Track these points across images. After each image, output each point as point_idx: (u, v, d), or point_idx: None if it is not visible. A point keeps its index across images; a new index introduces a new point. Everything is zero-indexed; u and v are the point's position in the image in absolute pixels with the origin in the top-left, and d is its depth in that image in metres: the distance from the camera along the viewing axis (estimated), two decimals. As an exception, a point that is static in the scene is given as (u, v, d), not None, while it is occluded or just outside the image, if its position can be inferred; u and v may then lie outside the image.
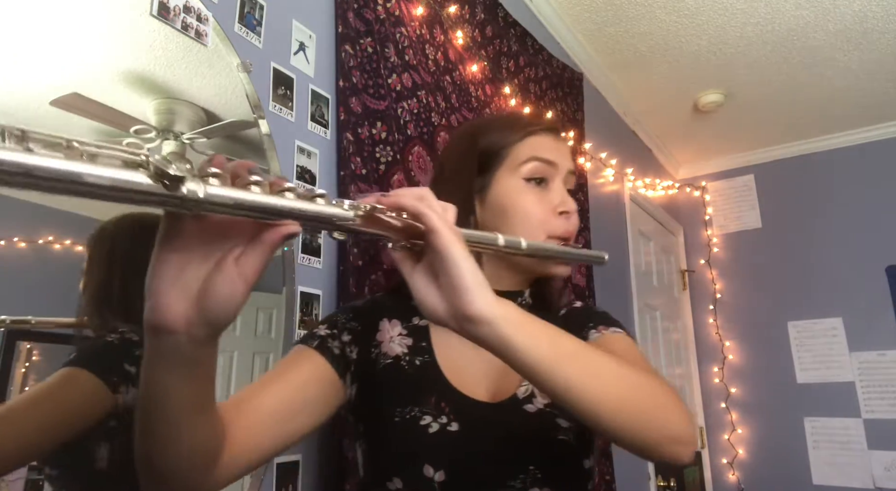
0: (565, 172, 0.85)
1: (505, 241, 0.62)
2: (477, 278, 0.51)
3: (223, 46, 1.05)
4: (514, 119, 0.89)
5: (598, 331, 0.79)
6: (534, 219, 0.80)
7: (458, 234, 0.52)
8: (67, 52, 0.89)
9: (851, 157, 3.37)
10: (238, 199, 0.40)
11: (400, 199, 0.51)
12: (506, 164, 0.83)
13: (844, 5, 2.30)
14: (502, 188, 0.83)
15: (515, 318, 0.52)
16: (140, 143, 0.96)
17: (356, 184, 1.22)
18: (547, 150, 0.84)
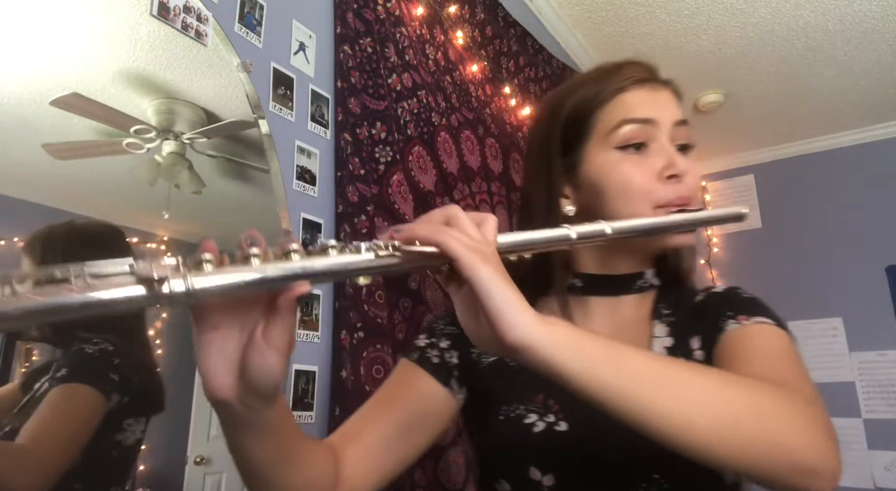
0: (669, 127, 0.71)
1: (579, 234, 0.55)
2: (510, 302, 0.44)
3: (223, 46, 1.05)
4: (598, 76, 0.75)
5: (737, 321, 0.65)
6: (634, 190, 0.69)
7: (483, 255, 0.45)
8: (67, 52, 0.90)
9: (851, 157, 3.37)
10: (231, 283, 0.39)
11: (415, 230, 0.46)
12: (594, 136, 0.72)
13: (844, 5, 2.30)
14: (594, 164, 0.72)
15: (565, 340, 0.45)
16: (140, 142, 0.96)
17: (354, 184, 1.22)
18: (641, 106, 0.71)
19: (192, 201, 1.05)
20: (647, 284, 0.75)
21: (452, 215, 0.49)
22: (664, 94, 0.74)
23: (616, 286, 0.74)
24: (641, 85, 0.73)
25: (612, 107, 0.72)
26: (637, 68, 0.74)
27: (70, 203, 0.91)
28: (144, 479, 0.92)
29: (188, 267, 0.38)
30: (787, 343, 0.63)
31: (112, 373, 0.84)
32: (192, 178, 1.03)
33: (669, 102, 0.74)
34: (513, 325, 0.44)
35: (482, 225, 0.49)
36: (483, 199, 1.68)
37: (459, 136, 1.63)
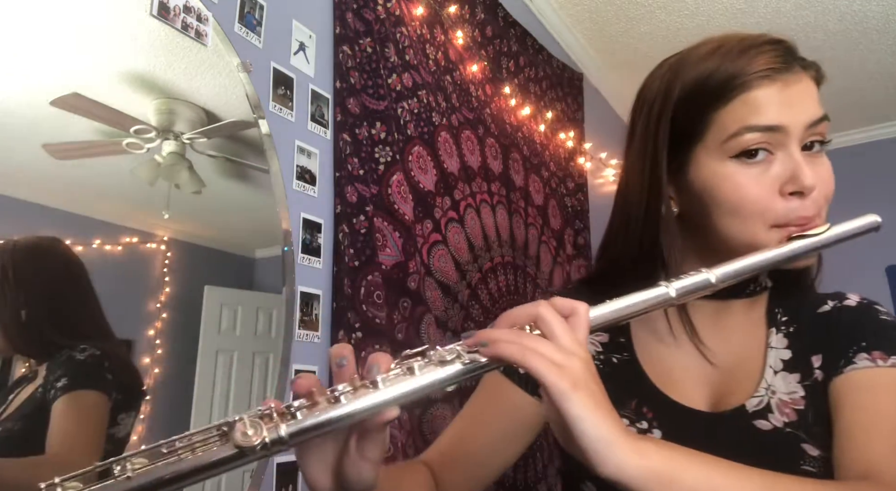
0: (801, 130, 0.60)
1: (679, 291, 0.50)
2: (601, 440, 0.42)
3: (223, 46, 1.05)
4: (721, 60, 0.60)
5: (871, 358, 0.57)
6: (748, 209, 0.59)
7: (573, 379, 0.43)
8: (67, 52, 0.90)
9: (851, 157, 3.37)
10: (322, 422, 0.42)
11: (501, 348, 0.44)
12: (708, 138, 0.61)
13: (844, 5, 2.30)
14: (704, 171, 0.62)
15: (656, 473, 0.43)
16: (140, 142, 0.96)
17: (353, 185, 1.22)
18: (771, 109, 0.59)
19: (192, 201, 1.05)
20: (760, 287, 0.68)
21: (538, 315, 0.46)
22: (801, 86, 0.61)
23: (724, 291, 0.62)
24: (772, 81, 0.59)
25: (734, 108, 0.59)
26: (770, 55, 0.59)
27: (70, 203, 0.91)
28: (144, 479, 0.92)
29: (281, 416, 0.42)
30: None
31: (107, 374, 0.87)
32: (192, 178, 1.03)
33: (806, 98, 0.62)
34: (604, 462, 0.43)
35: (572, 319, 0.46)
36: (483, 199, 1.68)
37: (460, 135, 1.63)
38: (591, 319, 0.48)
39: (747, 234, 0.60)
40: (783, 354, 0.64)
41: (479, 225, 1.63)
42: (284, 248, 1.09)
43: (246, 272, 1.21)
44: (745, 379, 0.63)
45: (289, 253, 1.09)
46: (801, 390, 0.61)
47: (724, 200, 0.60)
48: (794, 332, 0.65)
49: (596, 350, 0.71)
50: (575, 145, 2.33)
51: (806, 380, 0.61)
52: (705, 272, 0.52)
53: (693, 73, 0.62)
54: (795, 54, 0.62)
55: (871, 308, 0.64)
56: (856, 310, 0.65)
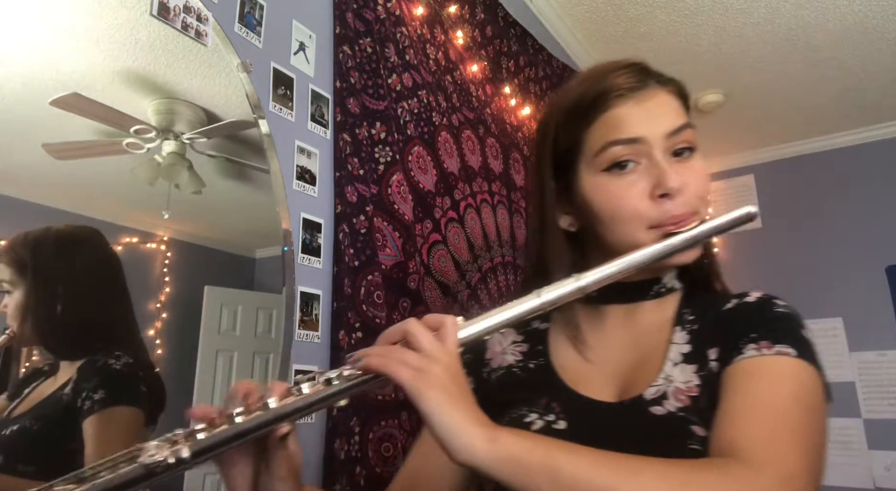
0: (661, 139, 0.67)
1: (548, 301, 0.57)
2: (451, 429, 0.48)
3: (223, 46, 1.05)
4: (582, 90, 0.70)
5: (757, 348, 0.61)
6: (625, 214, 0.66)
7: (428, 381, 0.49)
8: (67, 52, 0.90)
9: (851, 157, 3.37)
10: (222, 439, 0.48)
11: (368, 362, 0.52)
12: (583, 157, 0.69)
13: (844, 5, 2.30)
14: (584, 187, 0.70)
15: (508, 459, 0.48)
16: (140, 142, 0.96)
17: (353, 184, 1.22)
18: (628, 123, 0.67)
19: (192, 201, 1.05)
20: (666, 289, 0.72)
21: (407, 331, 0.53)
22: (656, 100, 0.68)
23: (631, 293, 0.72)
24: (627, 98, 0.67)
25: (597, 128, 0.68)
26: (622, 77, 0.68)
27: (70, 203, 0.91)
28: (144, 479, 0.92)
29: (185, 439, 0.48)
30: (801, 386, 0.59)
31: (142, 385, 0.87)
32: (192, 178, 1.03)
33: (662, 110, 0.68)
34: (457, 450, 0.48)
35: (440, 331, 0.53)
36: (484, 199, 1.68)
37: (460, 135, 1.63)
38: (467, 332, 0.55)
39: (629, 237, 0.66)
40: (683, 348, 0.68)
41: (480, 225, 1.63)
42: (284, 248, 1.09)
43: (246, 272, 1.21)
44: (648, 372, 0.68)
45: (289, 253, 1.09)
46: (696, 379, 0.65)
47: (603, 209, 0.68)
48: (697, 329, 0.69)
49: (517, 358, 0.78)
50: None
51: (702, 370, 0.65)
52: (574, 278, 0.57)
53: (565, 102, 0.72)
54: (650, 73, 0.71)
55: (769, 302, 0.68)
56: (754, 304, 0.68)
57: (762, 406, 0.56)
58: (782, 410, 0.56)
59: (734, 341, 0.63)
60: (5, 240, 0.83)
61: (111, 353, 0.83)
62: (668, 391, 0.64)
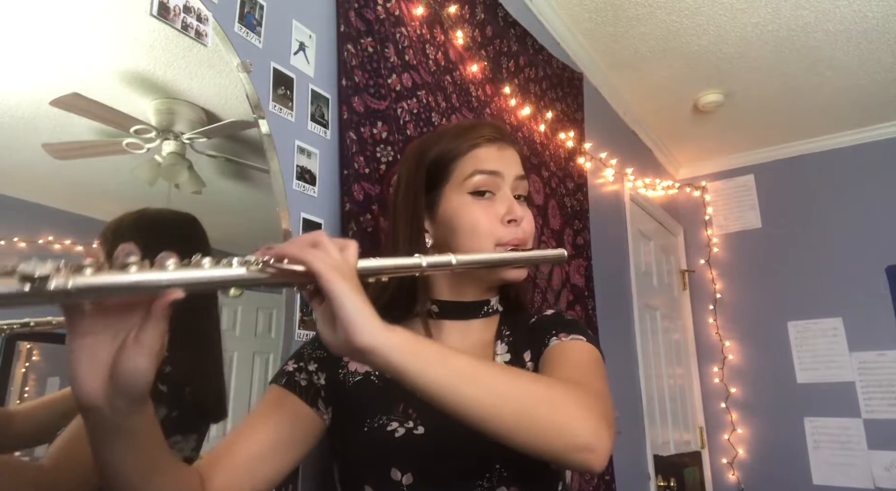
0: (512, 180, 0.86)
1: (428, 263, 0.64)
2: (361, 312, 0.52)
3: (223, 46, 1.05)
4: (458, 132, 0.89)
5: (558, 338, 0.79)
6: (481, 230, 0.82)
7: (341, 273, 0.53)
8: (67, 52, 0.90)
9: (851, 157, 3.37)
10: (109, 283, 0.43)
11: (284, 249, 0.53)
12: (452, 181, 0.85)
13: (844, 5, 2.30)
14: (449, 205, 0.85)
15: (404, 345, 0.54)
16: (140, 142, 0.96)
17: (360, 183, 1.22)
18: (490, 161, 0.85)
19: (192, 201, 1.05)
20: (492, 310, 0.88)
21: (318, 240, 0.56)
22: (509, 152, 0.88)
23: (466, 312, 0.87)
24: (492, 143, 0.86)
25: (468, 159, 0.85)
26: (490, 130, 0.88)
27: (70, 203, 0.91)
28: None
29: (70, 269, 0.42)
30: (593, 356, 0.77)
31: (160, 383, 0.77)
32: (192, 178, 1.03)
33: (513, 160, 0.88)
34: (362, 330, 0.52)
35: (344, 250, 0.57)
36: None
37: (459, 136, 1.63)
38: (362, 262, 0.58)
39: (480, 250, 0.81)
40: (504, 357, 0.84)
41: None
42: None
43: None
44: None
45: (289, 253, 1.09)
46: None
47: (464, 224, 0.83)
48: (513, 340, 0.85)
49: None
50: (575, 145, 2.33)
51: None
52: (450, 255, 0.67)
53: (440, 142, 0.88)
54: (506, 133, 0.92)
55: (559, 313, 0.87)
56: (549, 316, 0.86)
57: (574, 362, 0.74)
58: (586, 363, 0.75)
59: (540, 341, 0.80)
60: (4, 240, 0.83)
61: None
62: None
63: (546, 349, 0.78)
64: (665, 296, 3.25)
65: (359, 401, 0.79)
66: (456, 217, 0.84)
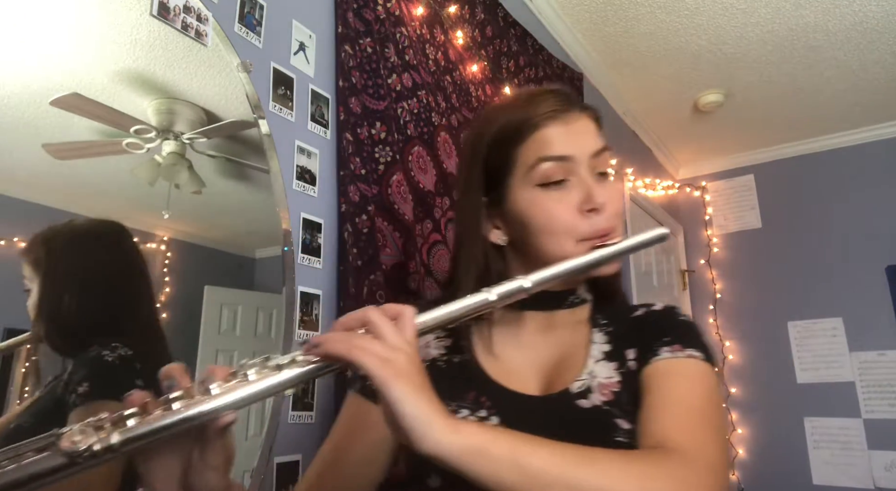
0: (586, 159, 0.72)
1: (499, 295, 0.58)
2: (418, 419, 0.48)
3: (223, 46, 1.05)
4: (513, 109, 0.76)
5: (671, 350, 0.68)
6: (556, 227, 0.71)
7: (396, 370, 0.49)
8: (68, 52, 0.90)
9: (851, 157, 3.37)
10: (157, 427, 0.43)
11: (330, 348, 0.49)
12: (515, 172, 0.74)
13: (844, 5, 2.30)
14: (517, 201, 0.74)
15: (472, 448, 0.49)
16: (140, 142, 0.96)
17: (356, 184, 1.22)
18: (557, 142, 0.72)
19: (192, 201, 1.05)
20: (579, 300, 0.79)
21: (367, 320, 0.52)
22: (580, 124, 0.74)
23: (549, 301, 0.77)
24: (556, 119, 0.73)
25: (529, 144, 0.73)
26: (551, 101, 0.74)
27: (70, 203, 0.91)
28: (144, 479, 0.92)
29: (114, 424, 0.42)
30: (710, 386, 0.67)
31: (137, 378, 0.80)
32: (192, 178, 1.03)
33: (586, 133, 0.74)
34: (422, 439, 0.48)
35: (399, 321, 0.52)
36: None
37: (459, 136, 1.63)
38: (422, 321, 0.54)
39: (558, 249, 0.71)
40: (604, 347, 0.74)
41: (479, 225, 1.63)
42: (284, 248, 1.09)
43: (246, 272, 1.21)
44: (572, 368, 0.72)
45: (289, 253, 1.09)
46: (617, 376, 0.70)
47: (535, 222, 0.72)
48: (613, 331, 0.76)
49: (440, 352, 0.79)
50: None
51: (622, 368, 0.71)
52: (520, 279, 0.59)
53: (496, 122, 0.76)
54: (573, 99, 0.76)
55: (672, 311, 0.77)
56: (661, 313, 0.76)
57: (683, 403, 0.64)
58: (699, 408, 0.63)
59: (649, 344, 0.70)
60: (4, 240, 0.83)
61: (108, 345, 0.79)
62: (592, 385, 0.70)
63: (655, 361, 0.68)
64: (665, 296, 3.25)
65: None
66: (526, 214, 0.73)
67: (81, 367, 0.78)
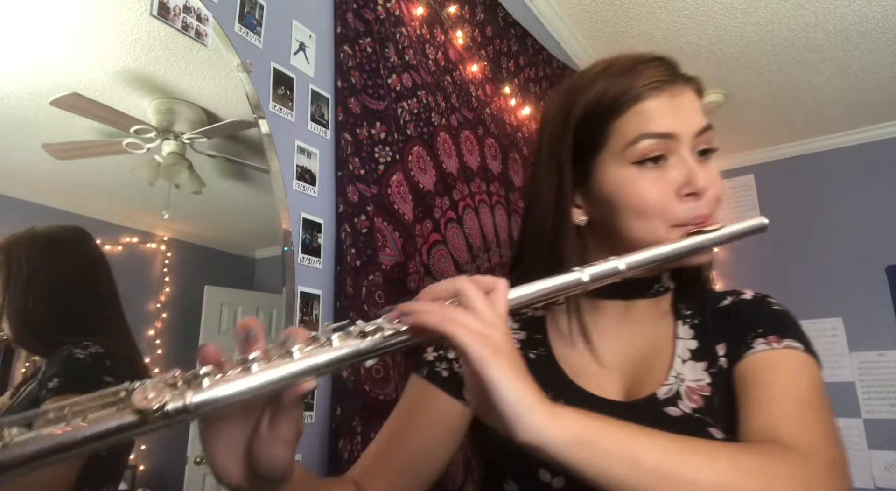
0: (691, 138, 0.65)
1: (591, 276, 0.53)
2: (520, 403, 0.43)
3: (223, 46, 1.05)
4: (612, 76, 0.67)
5: (767, 342, 0.62)
6: (650, 210, 0.64)
7: (494, 347, 0.44)
8: (67, 52, 0.90)
9: (851, 157, 3.37)
10: (232, 393, 0.39)
11: (421, 318, 0.45)
12: (608, 147, 0.66)
13: (844, 5, 2.30)
14: (608, 178, 0.66)
15: (577, 437, 0.44)
16: (140, 142, 0.96)
17: (354, 184, 1.22)
18: (662, 118, 0.65)
19: (192, 201, 1.05)
20: (663, 289, 0.72)
21: (459, 290, 0.47)
22: (686, 98, 0.68)
23: (630, 290, 0.70)
24: (660, 92, 0.66)
25: (629, 118, 0.65)
26: (656, 70, 0.67)
27: (70, 203, 0.91)
28: (144, 479, 0.92)
29: (187, 383, 0.38)
30: (814, 377, 0.61)
31: (106, 376, 0.82)
32: (192, 178, 1.03)
33: (691, 109, 0.68)
34: (524, 426, 0.43)
35: (492, 295, 0.48)
36: (482, 200, 1.68)
37: (459, 136, 1.63)
38: (513, 297, 0.49)
39: (650, 234, 0.64)
40: (690, 344, 0.68)
41: (478, 225, 1.63)
42: (284, 248, 1.09)
43: (246, 272, 1.21)
44: (656, 369, 0.66)
45: (289, 253, 1.09)
46: (707, 377, 0.65)
47: (627, 203, 0.65)
48: (699, 323, 0.69)
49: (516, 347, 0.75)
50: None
51: (712, 367, 0.65)
52: (615, 259, 0.55)
53: (590, 92, 0.68)
54: (678, 70, 0.69)
55: (765, 300, 0.70)
56: (751, 302, 0.69)
57: (789, 396, 0.57)
58: (806, 401, 0.57)
59: (741, 336, 0.64)
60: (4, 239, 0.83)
61: (80, 343, 0.81)
62: (680, 390, 0.64)
63: (749, 355, 0.62)
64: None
65: None
66: (617, 194, 0.66)
67: (53, 365, 0.80)
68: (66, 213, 0.90)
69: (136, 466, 0.91)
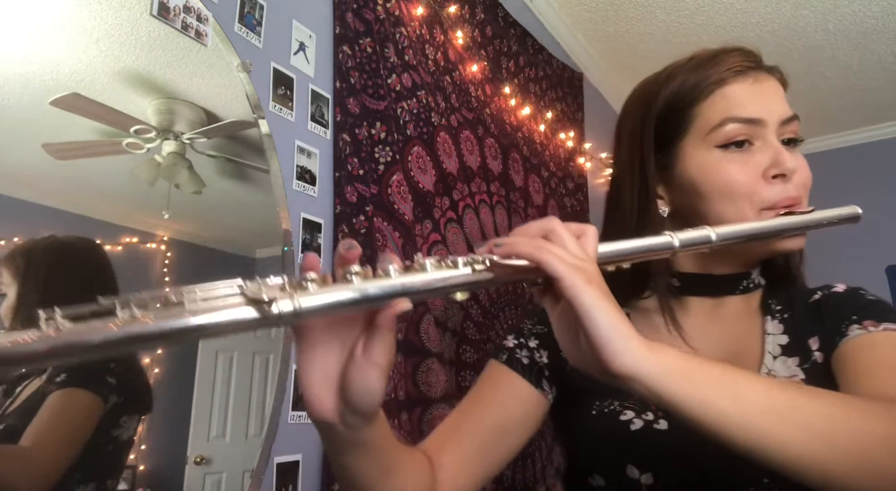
0: (776, 125, 0.65)
1: (681, 242, 0.51)
2: (617, 329, 0.42)
3: (223, 46, 1.05)
4: (696, 65, 0.68)
5: (862, 327, 0.60)
6: (737, 192, 0.63)
7: (587, 276, 0.43)
8: (67, 52, 0.90)
9: (852, 157, 3.37)
10: (335, 301, 0.39)
11: (515, 246, 0.44)
12: (692, 132, 0.66)
13: (844, 5, 2.30)
14: (692, 163, 0.66)
15: (675, 369, 0.42)
16: (140, 142, 0.96)
17: (353, 184, 1.22)
18: (747, 102, 0.65)
19: (192, 201, 1.05)
20: (754, 285, 0.70)
21: (551, 229, 0.46)
22: (770, 85, 0.67)
23: (718, 286, 0.69)
24: (745, 76, 0.66)
25: (714, 102, 0.65)
26: (740, 56, 0.67)
27: (70, 203, 0.91)
28: (144, 479, 0.92)
29: (294, 287, 0.39)
30: None
31: (109, 376, 0.86)
32: (192, 178, 1.03)
33: (776, 96, 0.67)
34: (619, 353, 0.42)
35: (582, 238, 0.47)
36: (482, 200, 1.68)
37: (459, 136, 1.63)
38: (602, 249, 0.48)
39: (737, 217, 0.63)
40: (780, 339, 0.66)
41: (478, 225, 1.63)
42: (284, 248, 1.09)
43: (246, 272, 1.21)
44: (746, 365, 0.64)
45: (289, 253, 1.09)
46: (801, 374, 0.62)
47: (714, 187, 0.64)
48: (789, 318, 0.68)
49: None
50: (575, 145, 2.33)
51: (805, 363, 0.63)
52: (707, 229, 0.54)
53: (672, 83, 0.68)
54: (760, 59, 0.69)
55: (858, 291, 0.68)
56: (844, 294, 0.68)
57: (888, 367, 0.55)
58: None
59: (834, 327, 0.62)
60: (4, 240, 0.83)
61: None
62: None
63: (844, 342, 0.60)
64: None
65: (583, 379, 0.64)
66: (702, 178, 0.65)
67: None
68: (66, 213, 0.90)
69: (136, 466, 0.92)
